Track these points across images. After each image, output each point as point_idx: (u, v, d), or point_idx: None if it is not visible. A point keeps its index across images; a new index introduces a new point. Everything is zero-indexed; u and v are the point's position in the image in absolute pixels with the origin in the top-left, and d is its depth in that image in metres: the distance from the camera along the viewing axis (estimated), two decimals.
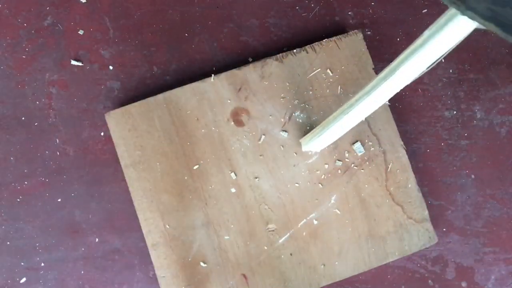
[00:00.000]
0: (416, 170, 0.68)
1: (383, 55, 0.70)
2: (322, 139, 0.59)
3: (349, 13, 0.71)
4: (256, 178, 0.64)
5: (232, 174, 0.64)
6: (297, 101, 0.66)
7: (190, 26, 0.69)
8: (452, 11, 0.36)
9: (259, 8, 0.70)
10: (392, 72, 0.43)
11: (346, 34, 0.67)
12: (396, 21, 0.71)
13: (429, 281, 0.69)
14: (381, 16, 0.71)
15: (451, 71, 0.71)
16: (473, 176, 0.70)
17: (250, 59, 0.70)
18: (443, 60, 0.71)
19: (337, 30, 0.71)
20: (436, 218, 0.69)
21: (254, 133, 0.65)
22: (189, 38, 0.69)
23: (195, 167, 0.64)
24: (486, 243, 0.69)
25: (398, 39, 0.71)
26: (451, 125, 0.71)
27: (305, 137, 0.64)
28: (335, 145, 0.65)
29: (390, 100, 0.69)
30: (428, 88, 0.71)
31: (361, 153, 0.65)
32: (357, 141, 0.65)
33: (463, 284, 0.69)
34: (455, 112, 0.71)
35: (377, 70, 0.68)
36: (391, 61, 0.49)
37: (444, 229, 0.69)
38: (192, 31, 0.69)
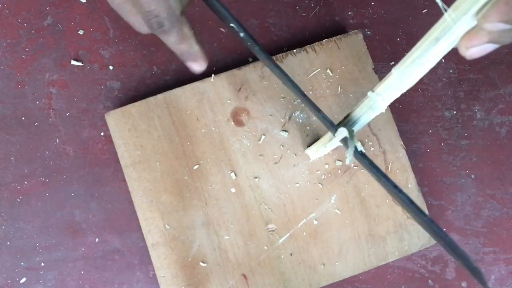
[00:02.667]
0: (416, 170, 0.68)
1: (383, 55, 0.70)
2: (326, 149, 0.61)
3: (349, 13, 0.71)
4: (256, 178, 0.64)
5: (232, 174, 0.64)
6: (297, 101, 0.66)
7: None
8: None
9: (259, 8, 0.70)
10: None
11: (346, 34, 0.67)
12: (396, 21, 0.71)
13: (429, 281, 0.69)
14: (381, 16, 0.71)
15: (451, 71, 0.71)
16: (473, 176, 0.70)
17: (250, 59, 0.70)
18: (443, 60, 0.71)
19: (337, 30, 0.71)
20: (436, 218, 0.69)
21: (254, 133, 0.65)
22: None
23: (195, 167, 0.64)
24: (486, 243, 0.69)
25: (398, 39, 0.71)
26: (451, 125, 0.71)
27: (310, 148, 0.64)
28: None
29: None
30: (428, 88, 0.71)
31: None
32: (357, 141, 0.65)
33: (463, 284, 0.69)
34: (455, 112, 0.71)
35: (377, 70, 0.68)
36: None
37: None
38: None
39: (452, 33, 0.36)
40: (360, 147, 0.48)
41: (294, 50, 0.66)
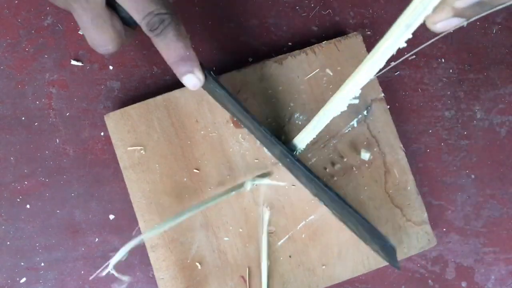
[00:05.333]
0: (416, 171, 0.68)
1: None
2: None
3: (349, 13, 0.71)
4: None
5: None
6: (297, 102, 0.66)
7: (190, 26, 0.69)
8: None
9: (259, 8, 0.70)
10: None
11: (345, 36, 0.67)
12: None
13: (429, 281, 0.69)
14: (381, 16, 0.71)
15: (451, 71, 0.71)
16: (473, 176, 0.70)
17: (250, 59, 0.69)
18: (443, 60, 0.71)
19: (337, 30, 0.70)
20: (436, 218, 0.69)
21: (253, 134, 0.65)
22: None
23: (194, 169, 0.64)
24: (486, 243, 0.70)
25: None
26: (451, 125, 0.70)
27: (298, 136, 0.62)
28: (334, 147, 0.65)
29: (389, 100, 0.68)
30: (428, 88, 0.71)
31: (369, 159, 0.65)
32: (362, 149, 0.65)
33: (463, 284, 0.69)
34: (455, 112, 0.71)
35: None
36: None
37: (444, 229, 0.69)
38: (192, 31, 0.69)
39: (421, 16, 0.40)
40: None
41: (294, 52, 0.66)
